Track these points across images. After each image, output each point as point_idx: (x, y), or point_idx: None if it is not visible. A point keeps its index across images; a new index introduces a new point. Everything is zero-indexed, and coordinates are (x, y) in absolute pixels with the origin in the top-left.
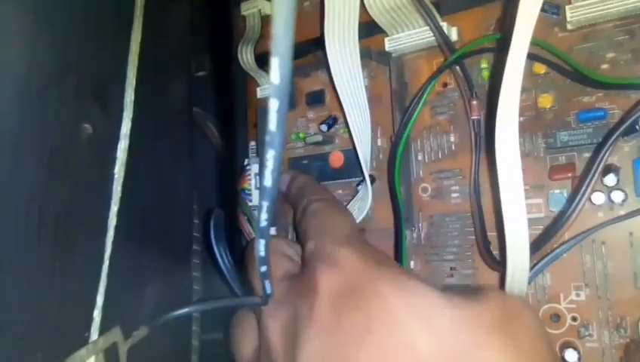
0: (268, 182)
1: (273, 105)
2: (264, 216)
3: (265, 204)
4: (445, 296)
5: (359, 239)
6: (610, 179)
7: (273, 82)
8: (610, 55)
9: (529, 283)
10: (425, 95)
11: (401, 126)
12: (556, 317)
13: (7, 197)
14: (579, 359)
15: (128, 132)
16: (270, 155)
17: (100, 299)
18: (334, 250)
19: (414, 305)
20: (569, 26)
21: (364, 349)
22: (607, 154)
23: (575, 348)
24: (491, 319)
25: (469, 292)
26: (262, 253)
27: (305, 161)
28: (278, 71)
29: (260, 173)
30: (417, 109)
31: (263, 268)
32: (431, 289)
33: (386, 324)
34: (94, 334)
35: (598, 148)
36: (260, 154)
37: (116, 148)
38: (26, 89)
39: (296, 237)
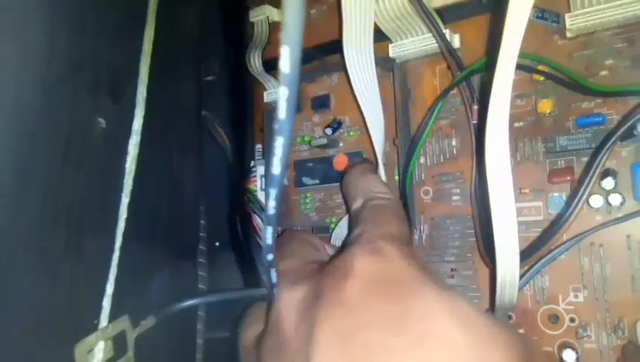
0: (276, 169)
1: (283, 94)
2: (272, 203)
3: (273, 192)
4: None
5: (409, 245)
6: (608, 183)
7: (283, 71)
8: (609, 62)
9: (526, 283)
10: (434, 114)
11: (413, 143)
12: (555, 318)
13: (24, 183)
14: (577, 359)
15: (140, 128)
16: (279, 143)
17: (109, 288)
18: (380, 243)
19: (453, 307)
20: (569, 34)
21: (398, 338)
22: (604, 158)
23: (573, 349)
24: (518, 343)
25: None
26: (269, 241)
27: (310, 164)
28: (288, 60)
29: (268, 161)
30: (427, 128)
31: (270, 256)
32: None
33: (422, 318)
34: (104, 321)
35: (596, 152)
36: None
37: (128, 142)
38: (43, 80)
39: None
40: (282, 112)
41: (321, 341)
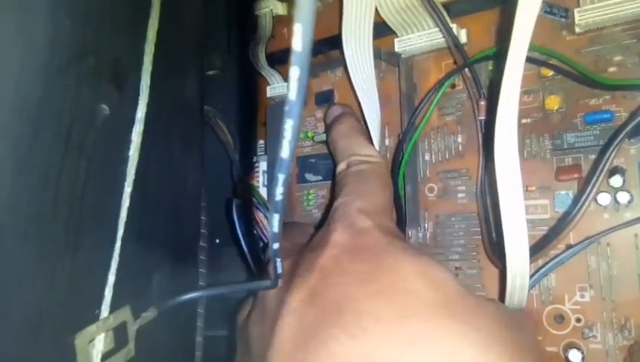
0: (285, 153)
1: (294, 74)
2: (280, 189)
3: (281, 177)
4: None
5: (388, 217)
6: (616, 180)
7: (295, 49)
8: (617, 58)
9: (533, 285)
10: (436, 100)
11: (410, 130)
12: (560, 318)
13: (25, 169)
14: (583, 360)
15: (143, 117)
16: (288, 125)
17: (111, 278)
18: (358, 217)
19: (426, 270)
20: (577, 29)
21: (364, 289)
22: (612, 155)
23: (579, 349)
24: (500, 316)
25: None
26: (275, 229)
27: (312, 160)
28: (300, 38)
29: (277, 145)
30: (427, 114)
31: (276, 246)
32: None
33: (391, 273)
34: (105, 311)
35: (604, 149)
36: (281, 124)
37: (131, 131)
38: (47, 65)
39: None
40: (293, 93)
41: (293, 302)
